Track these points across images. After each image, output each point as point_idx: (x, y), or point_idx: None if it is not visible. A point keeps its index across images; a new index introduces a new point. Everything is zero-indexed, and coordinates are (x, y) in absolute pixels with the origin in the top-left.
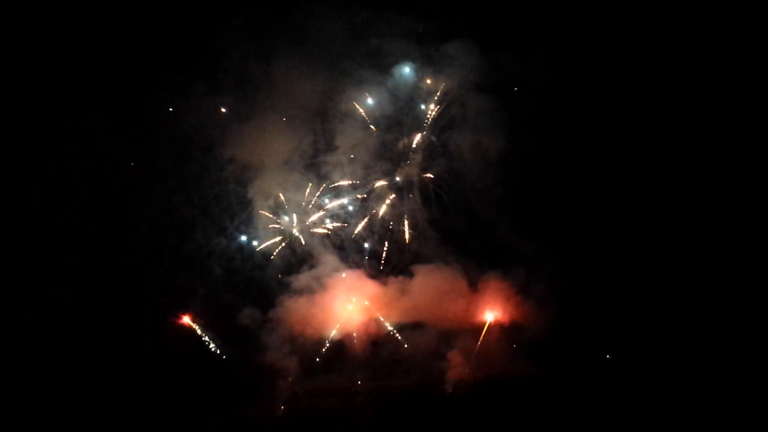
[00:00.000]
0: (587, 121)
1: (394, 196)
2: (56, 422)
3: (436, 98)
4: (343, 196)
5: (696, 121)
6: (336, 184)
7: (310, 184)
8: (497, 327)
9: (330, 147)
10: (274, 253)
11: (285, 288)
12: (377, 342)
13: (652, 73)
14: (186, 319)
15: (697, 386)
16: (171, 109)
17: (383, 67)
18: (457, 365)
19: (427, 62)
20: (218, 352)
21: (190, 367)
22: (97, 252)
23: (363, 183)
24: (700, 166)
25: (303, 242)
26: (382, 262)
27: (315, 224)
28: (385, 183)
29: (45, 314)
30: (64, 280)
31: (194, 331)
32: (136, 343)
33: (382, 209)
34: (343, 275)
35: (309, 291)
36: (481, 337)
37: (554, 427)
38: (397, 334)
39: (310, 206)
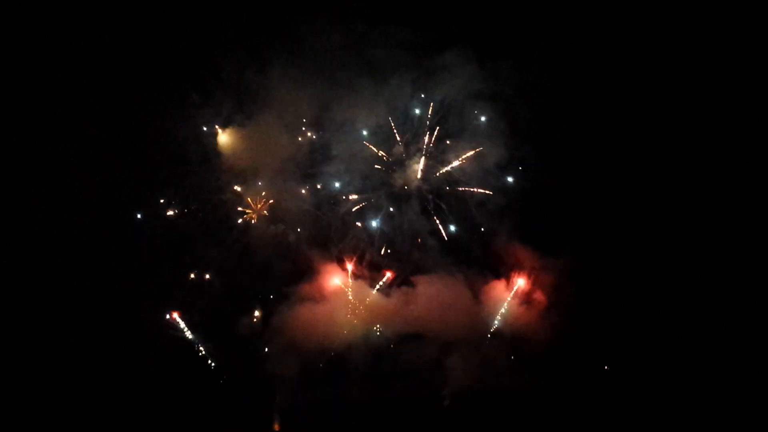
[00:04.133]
0: (587, 128)
1: (392, 206)
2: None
3: (434, 107)
4: (342, 206)
5: (695, 128)
6: (334, 194)
7: (308, 194)
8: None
9: (328, 156)
10: (273, 263)
11: (284, 298)
12: (377, 353)
13: (650, 80)
14: (183, 330)
15: (696, 397)
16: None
17: (380, 76)
18: (456, 377)
19: (424, 71)
20: (215, 362)
21: (186, 379)
22: (96, 261)
23: (361, 192)
24: (700, 175)
25: (302, 252)
26: (383, 272)
27: (314, 234)
28: (384, 193)
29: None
30: (61, 289)
31: (191, 341)
32: (131, 354)
33: (381, 219)
34: (343, 285)
35: (308, 301)
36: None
37: None
38: (397, 346)
39: (309, 216)
